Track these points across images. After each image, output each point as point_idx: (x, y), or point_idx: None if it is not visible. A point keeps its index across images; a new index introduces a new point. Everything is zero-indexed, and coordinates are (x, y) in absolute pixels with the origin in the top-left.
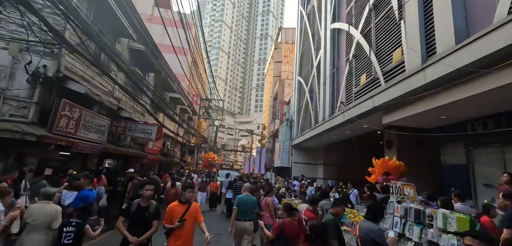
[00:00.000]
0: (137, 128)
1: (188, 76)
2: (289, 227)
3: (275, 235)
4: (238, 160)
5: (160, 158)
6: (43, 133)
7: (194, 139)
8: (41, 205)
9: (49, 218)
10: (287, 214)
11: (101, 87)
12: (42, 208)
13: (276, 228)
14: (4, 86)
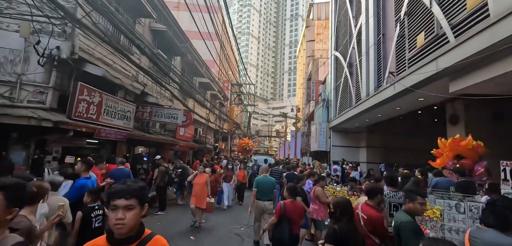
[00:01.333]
0: (163, 112)
1: (217, 62)
2: (291, 209)
3: (277, 218)
4: (273, 145)
5: (192, 144)
6: (60, 118)
7: (227, 125)
8: (50, 196)
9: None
10: (290, 195)
11: (123, 71)
12: (51, 200)
13: (278, 211)
14: (19, 71)
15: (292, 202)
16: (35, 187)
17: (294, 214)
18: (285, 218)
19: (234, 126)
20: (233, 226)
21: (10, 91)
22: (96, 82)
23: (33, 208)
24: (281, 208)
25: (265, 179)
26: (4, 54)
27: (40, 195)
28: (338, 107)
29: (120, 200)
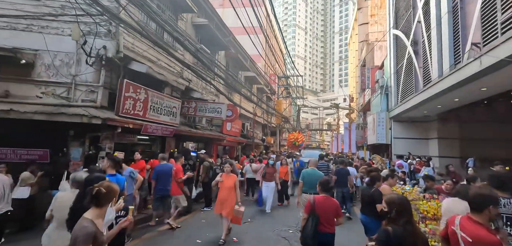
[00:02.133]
0: (206, 107)
1: (263, 56)
2: (322, 205)
3: (307, 214)
4: (324, 139)
5: (240, 139)
6: (108, 115)
7: (275, 119)
8: (70, 194)
9: None
10: (323, 190)
11: (168, 68)
12: (70, 199)
13: (307, 206)
14: (73, 72)
15: (325, 198)
16: (104, 187)
17: (325, 211)
18: (314, 214)
19: (282, 120)
20: (279, 227)
21: (67, 91)
22: (143, 80)
23: (101, 211)
24: (310, 203)
25: (312, 172)
26: (61, 57)
27: (109, 197)
28: (400, 94)
29: None
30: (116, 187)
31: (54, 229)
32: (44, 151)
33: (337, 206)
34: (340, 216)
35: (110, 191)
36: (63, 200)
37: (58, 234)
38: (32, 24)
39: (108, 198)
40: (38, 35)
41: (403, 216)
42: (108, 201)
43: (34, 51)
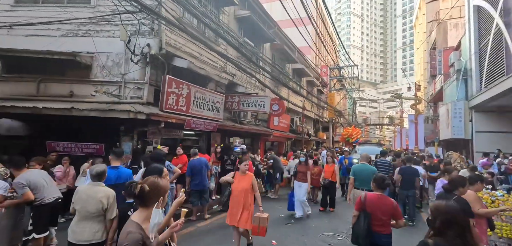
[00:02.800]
0: (250, 101)
1: (313, 47)
2: (375, 203)
3: (357, 211)
4: (386, 134)
5: (288, 135)
6: (152, 111)
7: (327, 113)
8: (90, 187)
9: (100, 206)
10: (377, 187)
11: (211, 63)
12: (91, 192)
13: (358, 203)
14: (122, 71)
15: (379, 196)
16: (149, 184)
17: (378, 210)
18: (365, 212)
19: (335, 114)
20: (327, 232)
21: (118, 89)
22: (187, 76)
23: (148, 212)
24: (361, 200)
25: (363, 167)
26: (112, 58)
27: (155, 195)
28: (484, 78)
29: None
30: (165, 184)
31: (77, 222)
32: (100, 145)
33: (393, 206)
34: (398, 218)
35: (155, 188)
36: (82, 193)
37: (79, 226)
38: (89, 30)
39: (154, 197)
40: (94, 39)
41: (450, 229)
42: (154, 200)
43: (91, 54)
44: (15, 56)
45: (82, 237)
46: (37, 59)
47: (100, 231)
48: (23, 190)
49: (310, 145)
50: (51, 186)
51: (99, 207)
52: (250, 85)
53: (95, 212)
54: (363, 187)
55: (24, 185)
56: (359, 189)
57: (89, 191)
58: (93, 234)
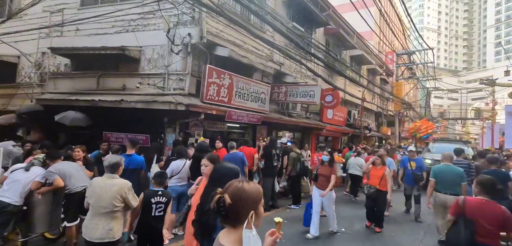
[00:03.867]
0: (297, 91)
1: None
2: (478, 209)
3: (454, 217)
4: (469, 131)
5: (345, 129)
6: (192, 102)
7: (393, 105)
8: (105, 180)
9: (116, 200)
10: (482, 192)
11: (255, 51)
12: (107, 185)
13: (454, 208)
14: (166, 63)
15: (485, 202)
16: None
17: (483, 217)
18: (466, 219)
19: (403, 106)
20: None
21: (163, 81)
22: (232, 66)
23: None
24: (458, 205)
25: (447, 168)
26: (157, 50)
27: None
28: None
29: None
30: (255, 190)
31: (90, 217)
32: (146, 136)
33: (504, 215)
34: (510, 230)
35: (239, 198)
36: (96, 186)
37: (92, 222)
38: (138, 25)
39: (243, 211)
40: (142, 33)
41: None
42: (242, 216)
43: (139, 48)
44: (79, 54)
45: (94, 234)
46: (96, 56)
47: (114, 228)
48: (53, 177)
49: (370, 141)
50: (81, 176)
51: (113, 202)
52: (300, 75)
53: (109, 206)
54: (446, 191)
55: (54, 173)
56: (442, 193)
57: (103, 184)
58: (107, 232)
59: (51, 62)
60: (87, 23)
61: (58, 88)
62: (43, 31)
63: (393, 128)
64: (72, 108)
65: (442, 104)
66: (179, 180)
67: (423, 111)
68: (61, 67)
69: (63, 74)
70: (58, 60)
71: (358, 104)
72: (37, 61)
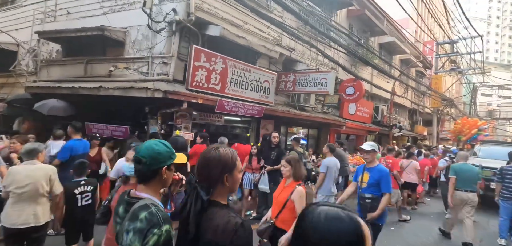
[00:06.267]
0: (307, 79)
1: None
2: None
3: None
4: None
5: (370, 127)
6: (175, 88)
7: (431, 102)
8: (25, 166)
9: (41, 183)
10: None
11: (259, 34)
12: (29, 170)
13: None
14: (150, 44)
15: None
16: None
17: None
18: None
19: (443, 103)
20: None
21: (147, 66)
22: (230, 50)
23: None
24: None
25: (465, 166)
26: (142, 31)
27: None
28: None
29: None
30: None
31: (12, 204)
32: (125, 127)
33: None
34: None
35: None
36: (17, 174)
37: (16, 208)
38: (124, 3)
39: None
40: (128, 13)
41: None
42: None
43: (124, 29)
44: (66, 38)
45: (18, 220)
46: (84, 40)
47: (39, 213)
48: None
49: (402, 141)
50: None
51: (39, 187)
52: (315, 63)
53: (34, 191)
54: (467, 188)
55: None
56: (463, 191)
57: (24, 170)
58: (33, 216)
59: (44, 49)
60: (78, 5)
61: (51, 76)
62: (37, 18)
63: (430, 127)
64: (56, 97)
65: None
66: None
67: (467, 109)
68: (53, 54)
69: (54, 61)
70: (50, 46)
71: (387, 99)
72: (32, 48)
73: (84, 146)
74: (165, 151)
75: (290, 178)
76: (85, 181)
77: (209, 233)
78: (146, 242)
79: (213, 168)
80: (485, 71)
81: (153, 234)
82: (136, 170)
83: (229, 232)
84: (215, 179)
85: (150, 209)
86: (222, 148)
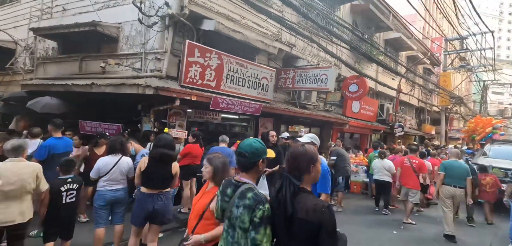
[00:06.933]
0: (307, 75)
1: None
2: None
3: None
4: None
5: (375, 126)
6: (166, 84)
7: (439, 100)
8: (12, 163)
9: (28, 181)
10: None
11: (257, 29)
12: (16, 167)
13: None
14: (144, 40)
15: None
16: None
17: None
18: None
19: (452, 101)
20: None
21: (140, 62)
22: (228, 46)
23: None
24: None
25: (454, 163)
26: (135, 27)
27: None
28: None
29: None
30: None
31: None
32: (118, 125)
33: None
34: None
35: None
36: (4, 170)
37: (2, 206)
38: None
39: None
40: (120, 7)
41: None
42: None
43: (117, 25)
44: (61, 35)
45: (5, 218)
46: (80, 37)
47: (26, 211)
48: None
49: (409, 140)
50: None
51: (26, 184)
52: (317, 59)
53: (21, 189)
54: (456, 184)
55: None
56: (451, 186)
57: (11, 167)
58: (20, 213)
59: (41, 46)
60: (74, 1)
61: (47, 74)
62: (35, 15)
63: (438, 126)
64: (50, 94)
65: (503, 102)
66: (109, 182)
67: (477, 107)
68: (49, 51)
69: (50, 58)
70: (47, 44)
71: (393, 97)
72: (28, 46)
73: (65, 144)
74: (261, 148)
75: (212, 182)
76: (72, 179)
77: (301, 213)
78: (254, 215)
79: (301, 160)
80: (497, 69)
81: (259, 209)
82: (239, 161)
83: (318, 212)
84: (303, 169)
85: (255, 191)
86: (306, 145)
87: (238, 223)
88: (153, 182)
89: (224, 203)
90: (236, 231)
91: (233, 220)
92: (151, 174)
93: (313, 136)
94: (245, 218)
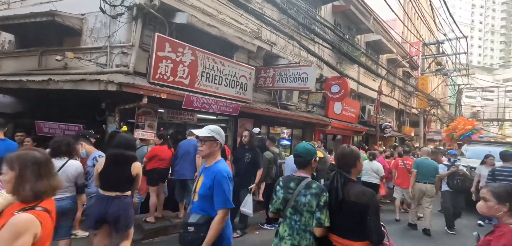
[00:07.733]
0: (287, 74)
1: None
2: None
3: None
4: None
5: (357, 127)
6: (125, 80)
7: (418, 102)
8: None
9: None
10: None
11: (235, 25)
12: None
13: None
14: (109, 32)
15: None
16: None
17: None
18: None
19: (429, 103)
20: None
21: (105, 56)
22: (206, 42)
23: None
24: None
25: (426, 161)
26: (100, 18)
27: None
28: None
29: None
30: None
31: None
32: (79, 126)
33: None
34: None
35: None
36: None
37: None
38: None
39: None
40: None
41: None
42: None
43: (81, 16)
44: (15, 26)
45: None
46: (38, 29)
47: None
48: None
49: (389, 142)
50: None
51: None
52: (299, 59)
53: None
54: (425, 181)
55: None
56: (422, 183)
57: None
58: None
59: None
60: None
61: (3, 70)
62: None
63: (417, 128)
64: (3, 92)
65: (475, 105)
66: None
67: (455, 110)
68: (6, 45)
69: (7, 53)
70: (3, 37)
71: (374, 99)
72: None
73: (6, 147)
74: (313, 149)
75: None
76: None
77: (352, 197)
78: (320, 200)
79: (349, 158)
80: (470, 73)
81: (323, 195)
82: (297, 161)
83: (366, 196)
84: (351, 164)
85: (317, 183)
86: (351, 146)
87: (306, 208)
88: (108, 184)
89: (287, 194)
90: (303, 215)
91: (300, 206)
92: (106, 175)
93: (215, 128)
94: (313, 203)
